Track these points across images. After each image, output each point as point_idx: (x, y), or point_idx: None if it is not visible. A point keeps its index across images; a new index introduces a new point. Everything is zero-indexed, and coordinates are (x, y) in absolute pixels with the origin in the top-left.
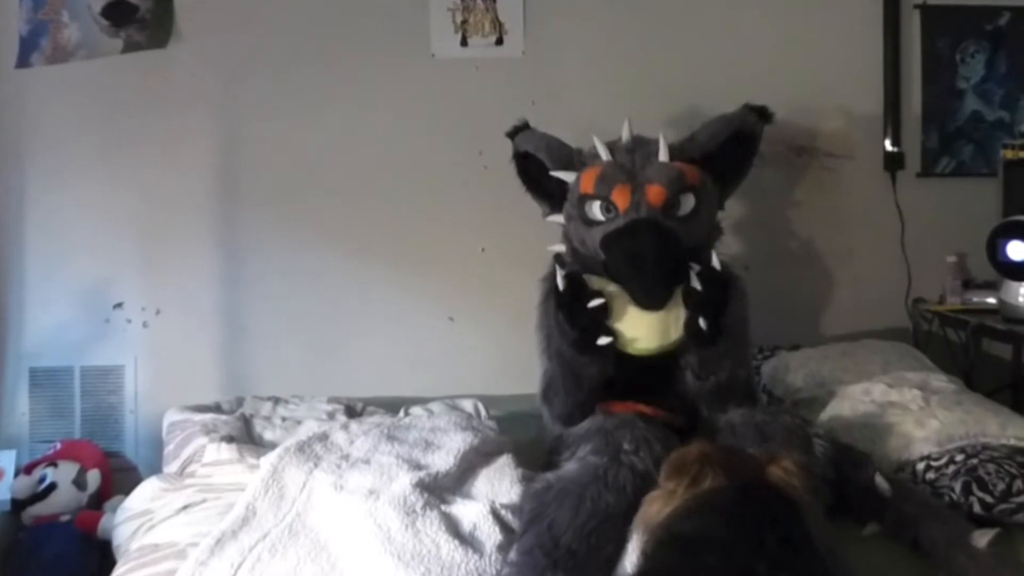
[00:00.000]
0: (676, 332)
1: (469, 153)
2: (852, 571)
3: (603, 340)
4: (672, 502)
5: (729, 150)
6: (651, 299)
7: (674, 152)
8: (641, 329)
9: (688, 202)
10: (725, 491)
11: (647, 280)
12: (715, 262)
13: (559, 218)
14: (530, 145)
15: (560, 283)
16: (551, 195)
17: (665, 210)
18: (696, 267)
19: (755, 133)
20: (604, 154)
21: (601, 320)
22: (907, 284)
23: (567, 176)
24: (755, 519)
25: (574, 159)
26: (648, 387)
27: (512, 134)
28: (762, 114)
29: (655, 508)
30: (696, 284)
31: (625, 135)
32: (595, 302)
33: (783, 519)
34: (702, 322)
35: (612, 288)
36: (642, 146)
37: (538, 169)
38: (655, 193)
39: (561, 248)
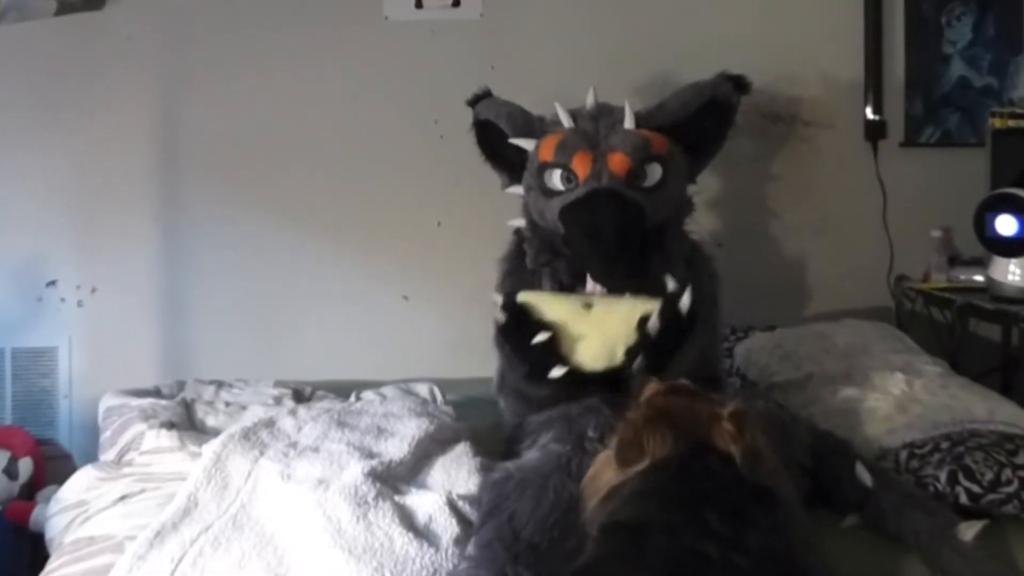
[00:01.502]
0: (623, 356)
1: (424, 122)
2: (830, 565)
3: (556, 372)
4: (622, 472)
5: (701, 121)
6: (610, 276)
7: (641, 120)
8: (586, 350)
9: (654, 172)
10: (664, 468)
11: (606, 256)
12: (684, 301)
13: (519, 189)
14: (490, 113)
15: (499, 316)
16: (511, 165)
17: (629, 180)
18: (671, 284)
19: (730, 104)
20: (566, 121)
21: (550, 352)
22: (889, 261)
23: (526, 143)
24: (691, 498)
25: (535, 127)
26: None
27: (473, 102)
28: (738, 84)
29: (607, 475)
30: (655, 322)
31: (590, 101)
32: (539, 338)
33: (721, 492)
34: (637, 361)
35: (555, 312)
36: (607, 114)
37: (498, 138)
38: (618, 161)
39: (521, 223)
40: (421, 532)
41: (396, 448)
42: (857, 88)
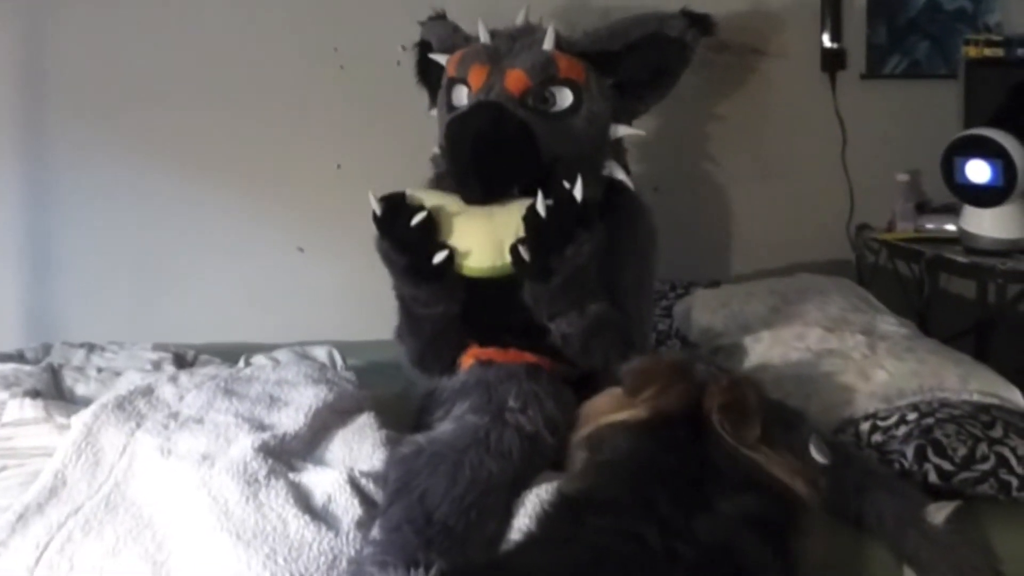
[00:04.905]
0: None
1: (322, 50)
2: None
3: (439, 256)
4: (623, 410)
5: (642, 56)
6: (466, 189)
7: (564, 43)
8: (471, 241)
9: (563, 97)
10: (639, 430)
11: (458, 169)
12: (578, 191)
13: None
14: (429, 33)
15: (376, 207)
16: (439, 86)
17: (525, 99)
18: (570, 187)
19: (681, 41)
20: (484, 36)
21: (429, 236)
22: (849, 208)
23: (442, 58)
24: (644, 474)
25: (460, 45)
26: (515, 330)
27: (424, 22)
28: (696, 22)
29: (604, 404)
30: (541, 208)
31: (519, 20)
32: (417, 217)
33: (681, 469)
34: (523, 250)
35: (436, 199)
36: (528, 34)
37: (432, 60)
38: (514, 78)
39: (437, 151)
40: (319, 514)
41: (291, 419)
42: (813, 12)
